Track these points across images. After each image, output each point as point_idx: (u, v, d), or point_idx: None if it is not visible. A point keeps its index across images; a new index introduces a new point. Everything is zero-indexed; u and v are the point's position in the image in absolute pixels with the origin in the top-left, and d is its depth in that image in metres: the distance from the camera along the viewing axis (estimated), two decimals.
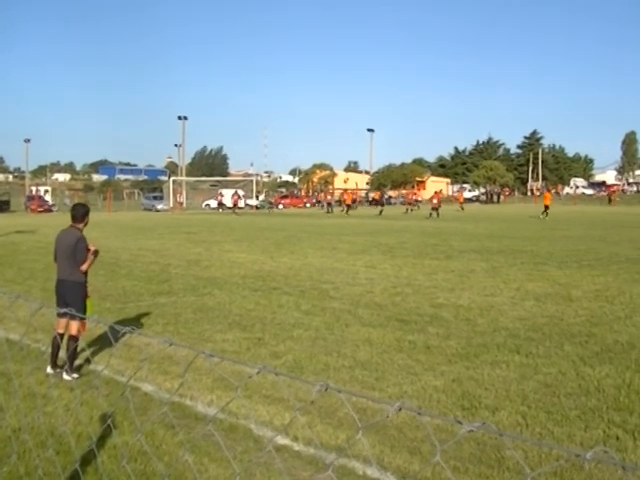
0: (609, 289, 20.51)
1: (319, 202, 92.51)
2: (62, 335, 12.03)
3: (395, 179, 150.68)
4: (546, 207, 69.92)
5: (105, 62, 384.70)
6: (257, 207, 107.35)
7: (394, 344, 13.92)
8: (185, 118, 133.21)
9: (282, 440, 8.81)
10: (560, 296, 19.26)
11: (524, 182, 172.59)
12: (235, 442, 8.76)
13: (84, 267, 12.18)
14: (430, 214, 71.54)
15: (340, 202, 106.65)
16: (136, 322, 15.98)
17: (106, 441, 8.66)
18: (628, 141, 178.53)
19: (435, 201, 74.48)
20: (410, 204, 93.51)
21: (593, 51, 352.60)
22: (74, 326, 11.99)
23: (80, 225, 12.47)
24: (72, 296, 11.98)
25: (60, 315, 11.91)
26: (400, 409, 2.73)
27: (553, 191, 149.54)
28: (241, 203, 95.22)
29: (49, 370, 11.97)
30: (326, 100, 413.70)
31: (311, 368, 12.26)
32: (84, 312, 11.77)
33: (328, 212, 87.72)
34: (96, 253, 12.45)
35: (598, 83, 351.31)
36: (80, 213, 12.55)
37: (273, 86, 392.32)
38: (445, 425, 8.83)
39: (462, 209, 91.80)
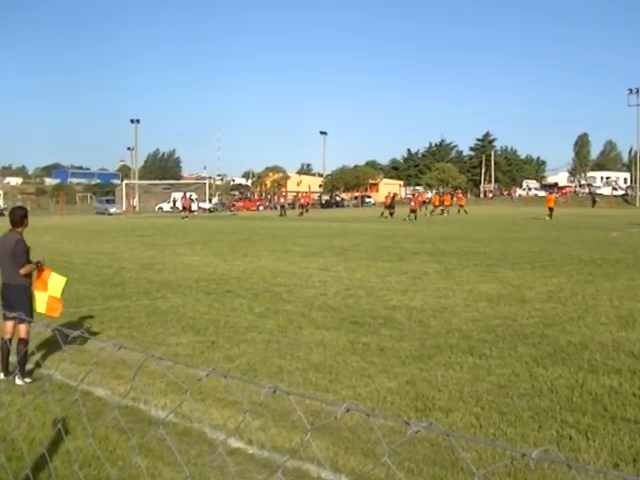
0: (562, 290, 20.67)
1: (282, 207, 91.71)
2: (10, 339, 11.95)
3: (348, 181, 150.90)
4: (551, 209, 71.18)
5: (57, 66, 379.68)
6: (210, 210, 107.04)
7: (348, 346, 13.94)
8: (138, 121, 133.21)
9: (236, 443, 8.81)
10: (513, 297, 19.38)
11: (477, 184, 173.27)
12: (189, 446, 8.74)
13: (22, 271, 12.01)
14: (408, 216, 71.60)
15: (294, 205, 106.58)
16: (89, 326, 15.88)
17: (59, 446, 8.59)
18: (580, 143, 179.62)
19: (412, 204, 74.82)
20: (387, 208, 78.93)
21: (546, 53, 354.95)
22: (23, 329, 11.87)
23: (19, 229, 12.30)
24: (17, 299, 11.82)
25: (7, 319, 11.81)
26: (348, 410, 2.73)
27: (506, 193, 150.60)
28: (194, 206, 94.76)
29: (1, 376, 11.88)
30: (279, 102, 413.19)
31: (265, 371, 12.25)
32: (31, 314, 11.65)
33: (281, 215, 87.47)
34: (39, 264, 12.29)
35: (550, 85, 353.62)
36: (18, 216, 12.41)
37: (226, 89, 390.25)
38: (398, 427, 8.84)
39: (465, 211, 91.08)
